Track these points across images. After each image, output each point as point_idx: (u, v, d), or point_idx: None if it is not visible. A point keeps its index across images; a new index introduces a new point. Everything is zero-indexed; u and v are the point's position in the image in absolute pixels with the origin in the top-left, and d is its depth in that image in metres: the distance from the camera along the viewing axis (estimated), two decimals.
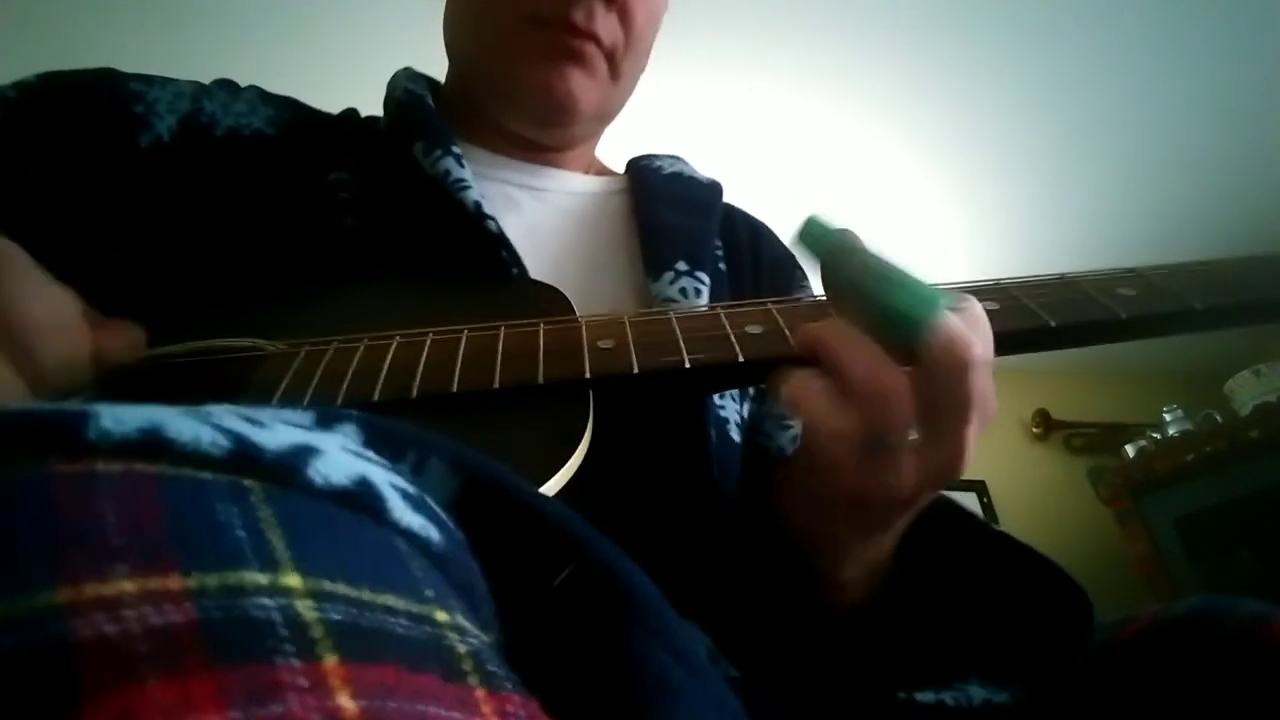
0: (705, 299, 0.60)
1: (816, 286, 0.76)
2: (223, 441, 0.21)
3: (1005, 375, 2.99)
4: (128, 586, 0.17)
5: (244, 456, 0.21)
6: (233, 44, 1.95)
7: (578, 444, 0.41)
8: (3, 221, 0.45)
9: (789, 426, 0.62)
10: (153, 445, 0.21)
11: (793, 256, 0.75)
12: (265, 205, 0.60)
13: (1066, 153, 2.32)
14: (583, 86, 0.63)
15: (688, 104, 2.17)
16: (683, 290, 0.60)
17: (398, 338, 0.48)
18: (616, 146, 0.80)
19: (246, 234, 0.59)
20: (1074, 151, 2.32)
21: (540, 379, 0.44)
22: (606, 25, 0.63)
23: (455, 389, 0.44)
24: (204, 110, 0.64)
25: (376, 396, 0.43)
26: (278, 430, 0.23)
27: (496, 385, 0.44)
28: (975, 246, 2.67)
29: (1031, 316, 0.45)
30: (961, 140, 2.30)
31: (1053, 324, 0.44)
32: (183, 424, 0.21)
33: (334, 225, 0.59)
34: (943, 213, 2.55)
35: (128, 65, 0.66)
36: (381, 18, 1.90)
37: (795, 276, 0.73)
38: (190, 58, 1.68)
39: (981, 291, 0.47)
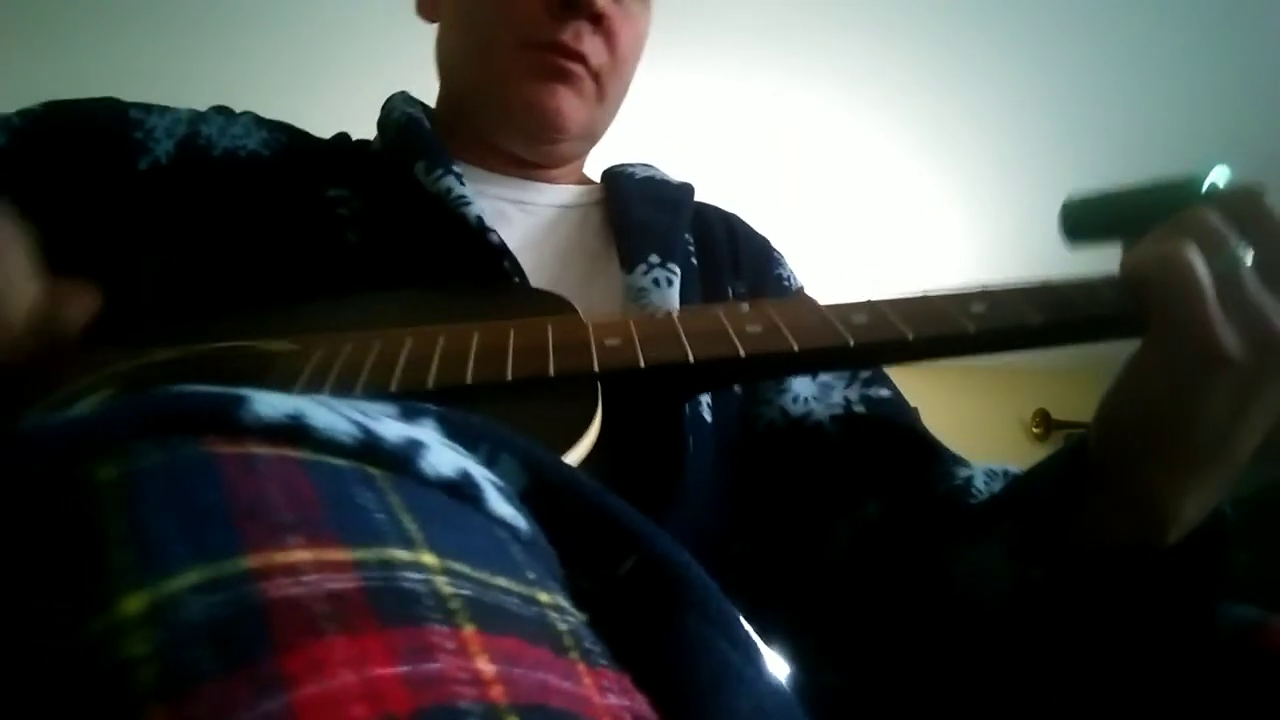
0: (676, 289, 0.63)
1: (794, 268, 0.78)
2: (353, 431, 0.23)
3: (1005, 375, 3.03)
4: (304, 555, 0.19)
5: (370, 446, 0.24)
6: (229, 70, 2.00)
7: (589, 425, 0.43)
8: None
9: (785, 390, 0.65)
10: (297, 431, 0.23)
11: (768, 242, 0.79)
12: (264, 221, 0.62)
13: (1069, 152, 2.32)
14: (571, 104, 0.66)
15: (687, 102, 2.18)
16: (655, 280, 0.63)
17: (411, 336, 0.49)
18: (619, 146, 0.81)
19: (247, 249, 0.61)
20: (1076, 151, 2.33)
21: (551, 372, 0.46)
22: (593, 46, 0.66)
23: (470, 380, 0.45)
24: (200, 134, 0.67)
25: (394, 387, 0.45)
26: (387, 423, 0.25)
27: (509, 378, 0.45)
28: (976, 246, 2.68)
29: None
30: (963, 139, 2.31)
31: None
32: (320, 413, 0.23)
33: (336, 240, 0.62)
34: (943, 213, 2.56)
35: (128, 88, 0.69)
36: (372, 45, 1.95)
37: (774, 258, 0.77)
38: (188, 83, 1.72)
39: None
